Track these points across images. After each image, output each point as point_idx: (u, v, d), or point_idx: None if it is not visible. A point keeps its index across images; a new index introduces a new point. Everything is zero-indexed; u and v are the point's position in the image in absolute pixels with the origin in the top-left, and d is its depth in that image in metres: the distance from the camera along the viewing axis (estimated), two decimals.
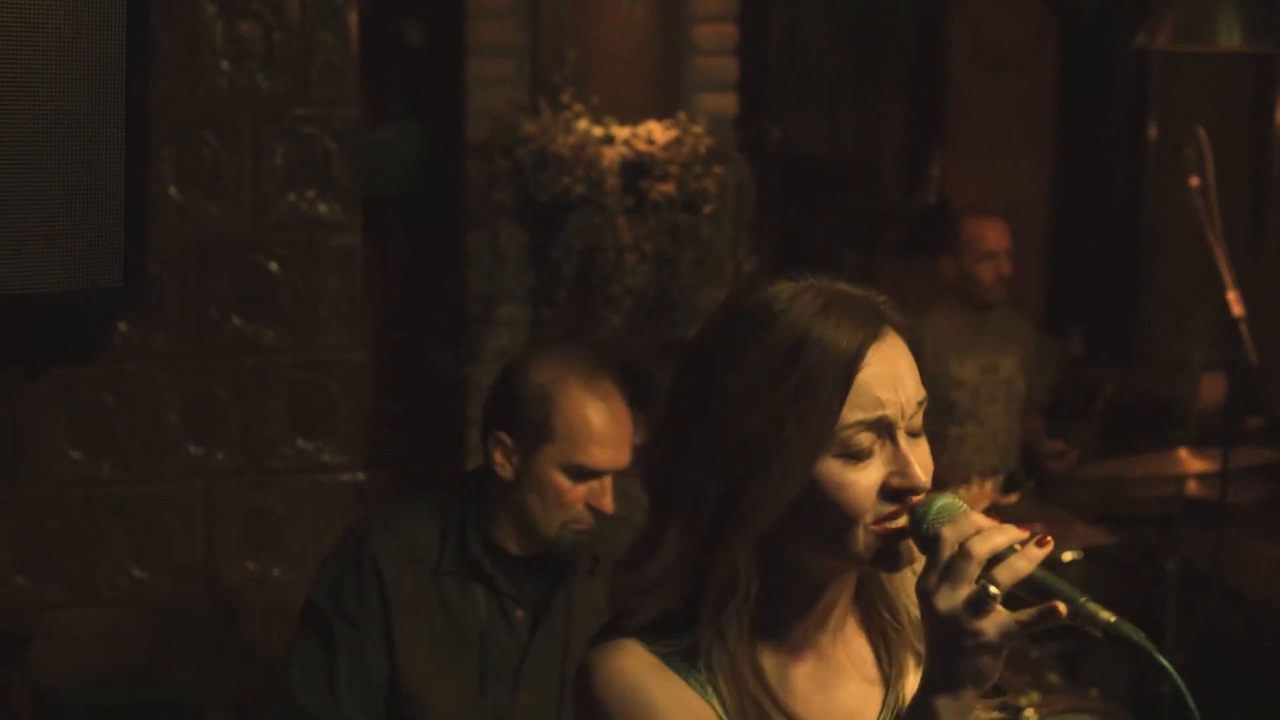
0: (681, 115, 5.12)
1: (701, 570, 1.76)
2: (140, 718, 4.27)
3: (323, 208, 4.57)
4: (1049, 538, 1.66)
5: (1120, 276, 6.35)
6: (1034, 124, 6.65)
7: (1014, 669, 4.18)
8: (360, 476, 4.66)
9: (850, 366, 1.71)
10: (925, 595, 1.66)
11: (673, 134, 5.07)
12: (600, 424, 3.16)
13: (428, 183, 5.25)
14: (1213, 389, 5.47)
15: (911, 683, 1.88)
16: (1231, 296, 4.41)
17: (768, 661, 1.81)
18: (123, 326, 4.37)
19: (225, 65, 4.46)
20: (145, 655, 4.52)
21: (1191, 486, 5.00)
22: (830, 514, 1.73)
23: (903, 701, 1.88)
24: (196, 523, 4.54)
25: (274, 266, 4.54)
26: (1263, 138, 6.04)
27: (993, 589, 1.62)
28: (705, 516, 1.74)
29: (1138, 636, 1.61)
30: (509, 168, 5.00)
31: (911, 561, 1.76)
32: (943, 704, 1.65)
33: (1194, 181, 4.66)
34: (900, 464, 1.74)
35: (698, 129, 5.09)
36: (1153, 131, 6.45)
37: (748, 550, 1.76)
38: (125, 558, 4.49)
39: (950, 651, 1.64)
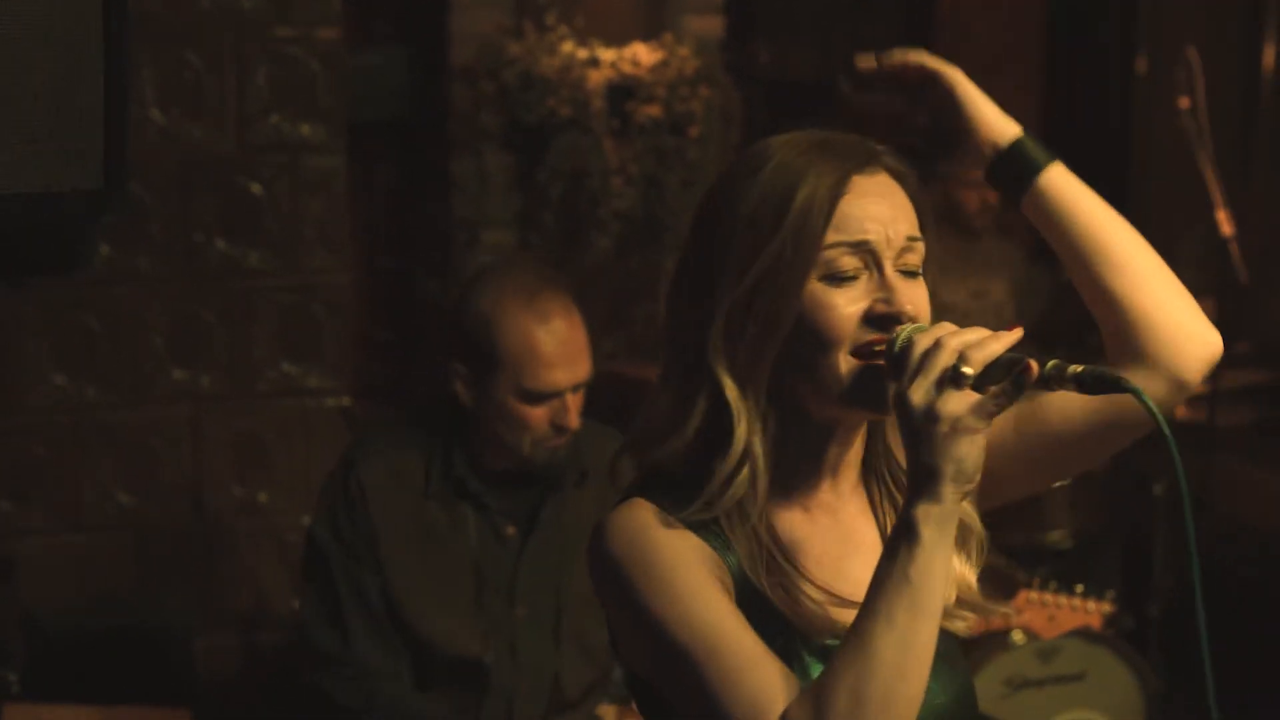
0: (668, 37, 5.09)
1: (711, 416, 1.77)
2: (127, 643, 4.26)
3: (306, 129, 4.53)
4: (1019, 327, 1.67)
5: (1109, 201, 6.31)
6: (1023, 49, 6.62)
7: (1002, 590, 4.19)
8: (346, 401, 4.64)
9: (834, 189, 1.75)
10: (900, 397, 1.65)
11: (659, 56, 5.03)
12: (546, 346, 3.13)
13: (413, 108, 5.21)
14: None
15: None
16: (1221, 215, 4.40)
17: (781, 523, 1.81)
18: (105, 249, 4.34)
19: None
20: (132, 581, 4.51)
21: (1179, 409, 4.99)
22: (815, 339, 1.75)
23: None
24: (183, 447, 4.52)
25: (257, 189, 4.51)
26: (1252, 62, 6.01)
27: (965, 369, 1.62)
28: (713, 356, 1.76)
29: (1115, 376, 1.63)
30: (494, 91, 4.97)
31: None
32: (922, 509, 1.63)
33: (1184, 103, 4.65)
34: (886, 291, 1.75)
35: (684, 51, 5.06)
36: (1142, 56, 6.42)
37: (755, 399, 1.77)
38: (111, 482, 4.47)
39: (926, 445, 1.63)
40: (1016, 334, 1.65)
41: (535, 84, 4.93)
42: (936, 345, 1.64)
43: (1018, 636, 4.22)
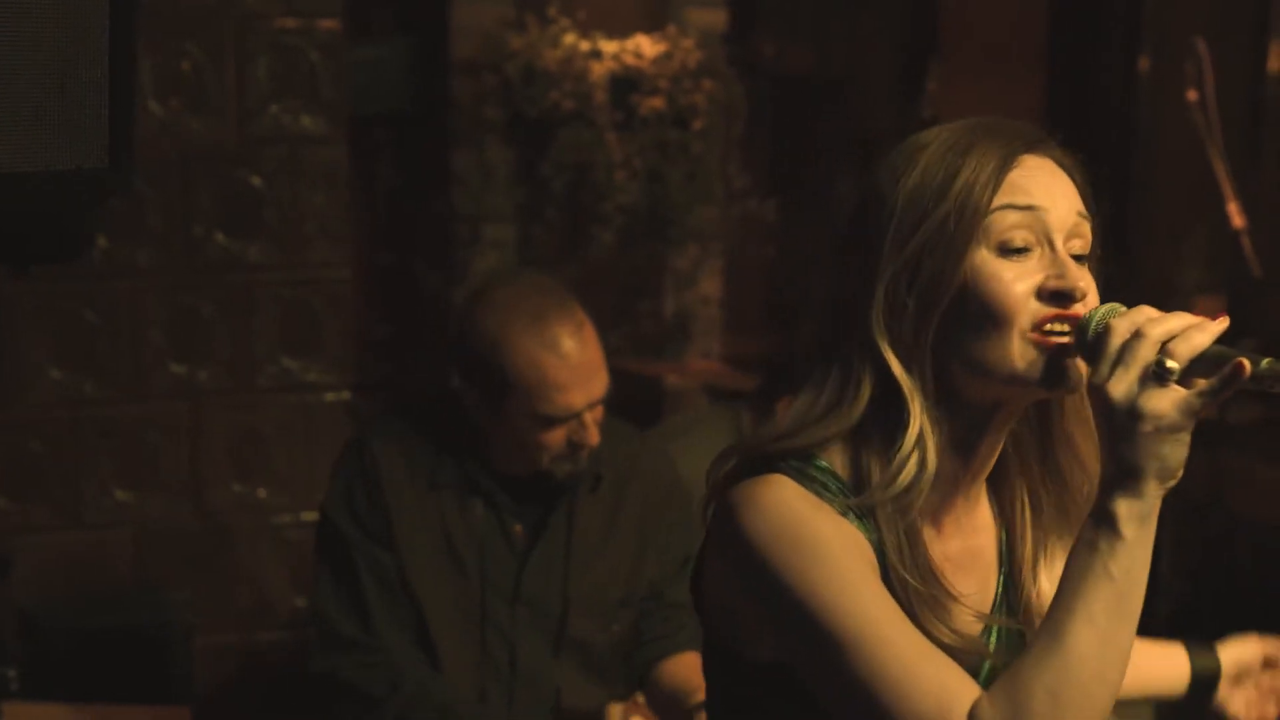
0: (671, 29, 5.06)
1: (877, 396, 1.70)
2: (126, 641, 4.21)
3: (307, 121, 4.49)
4: (1225, 315, 1.60)
5: (1113, 196, 6.28)
6: (1025, 42, 6.58)
7: None
8: (347, 396, 4.59)
9: (1004, 162, 1.69)
10: (1097, 389, 1.58)
11: (662, 48, 5.01)
12: (558, 372, 3.05)
13: (414, 101, 5.18)
14: (1206, 312, 5.42)
15: (1043, 575, 1.83)
16: (1232, 208, 4.36)
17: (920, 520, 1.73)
18: (104, 242, 4.30)
19: None
20: (130, 578, 4.46)
21: None
22: (984, 312, 1.67)
23: (1016, 592, 1.83)
24: (182, 443, 4.47)
25: (258, 181, 4.46)
26: (1259, 54, 5.97)
27: (1169, 363, 1.54)
28: (877, 333, 1.70)
29: None
30: (496, 84, 4.93)
31: (1078, 382, 1.68)
32: (1124, 506, 1.56)
33: (1193, 95, 4.61)
34: (1059, 267, 1.68)
35: (688, 43, 5.03)
36: (1146, 49, 6.38)
37: (921, 378, 1.70)
38: (109, 479, 4.42)
39: (1128, 442, 1.56)
40: (1222, 323, 1.59)
41: (538, 77, 4.90)
42: (1137, 335, 1.57)
43: None
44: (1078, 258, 1.70)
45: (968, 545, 1.79)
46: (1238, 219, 4.35)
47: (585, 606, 3.20)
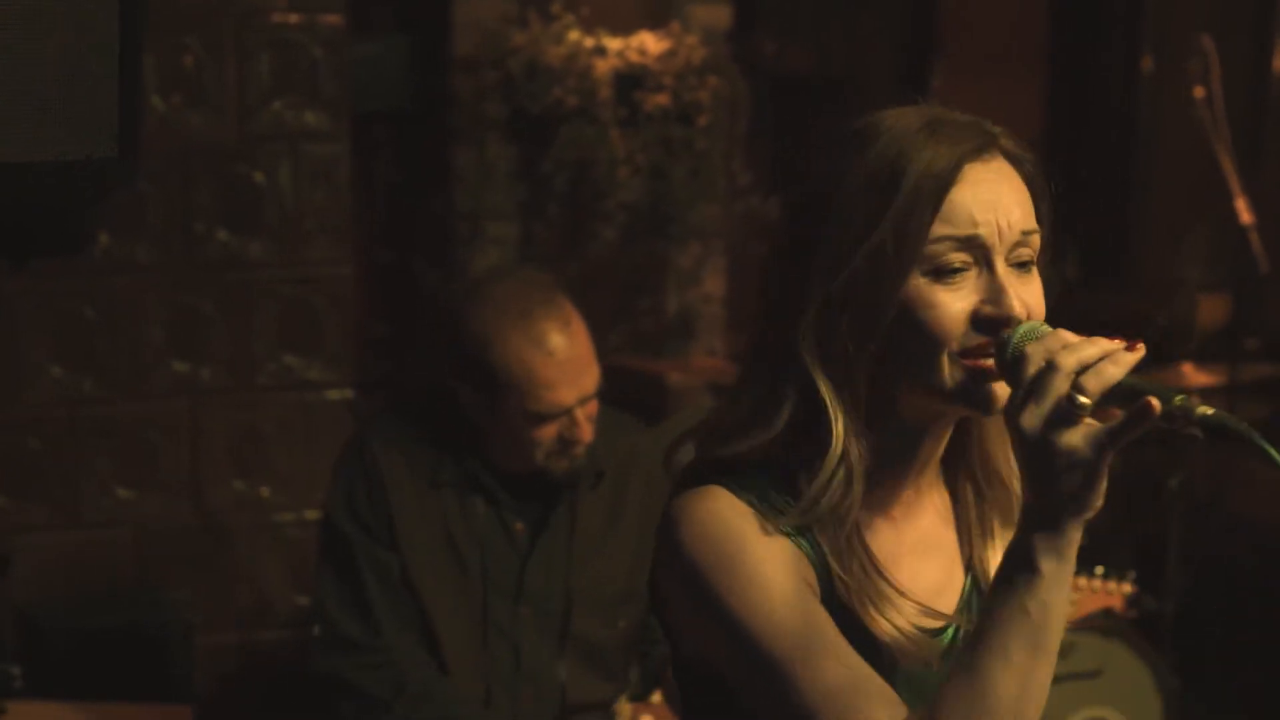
0: (675, 25, 5.04)
1: (800, 411, 1.67)
2: (126, 640, 4.19)
3: (309, 117, 4.47)
4: (1141, 344, 1.55)
5: (1115, 195, 6.28)
6: (1026, 41, 6.58)
7: None
8: (348, 394, 4.57)
9: (943, 180, 1.63)
10: (1012, 419, 1.55)
11: (666, 45, 4.98)
12: (546, 369, 3.06)
13: (414, 98, 5.15)
14: (1210, 310, 5.41)
15: (992, 559, 1.80)
16: (1240, 204, 4.34)
17: (866, 529, 1.71)
18: (104, 239, 4.28)
19: None
20: (130, 577, 4.44)
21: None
22: (918, 338, 1.64)
23: (984, 579, 1.80)
24: (182, 441, 4.44)
25: (259, 178, 4.44)
26: (1264, 51, 5.97)
27: (1081, 399, 1.51)
28: (804, 347, 1.66)
29: (1241, 427, 1.49)
30: (499, 80, 4.91)
31: (1001, 405, 1.64)
32: (1041, 541, 1.54)
33: (1199, 92, 4.59)
34: (994, 292, 1.64)
35: (692, 39, 5.01)
36: (1148, 48, 6.38)
37: (851, 396, 1.66)
38: (109, 477, 4.39)
39: (1042, 477, 1.53)
40: (1138, 354, 1.54)
41: (541, 73, 4.87)
42: (1050, 367, 1.53)
43: None
44: (1023, 265, 1.67)
45: (924, 533, 1.77)
46: (1245, 215, 4.33)
47: (588, 603, 3.19)
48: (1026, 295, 1.65)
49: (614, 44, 4.97)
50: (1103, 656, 4.25)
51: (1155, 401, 1.49)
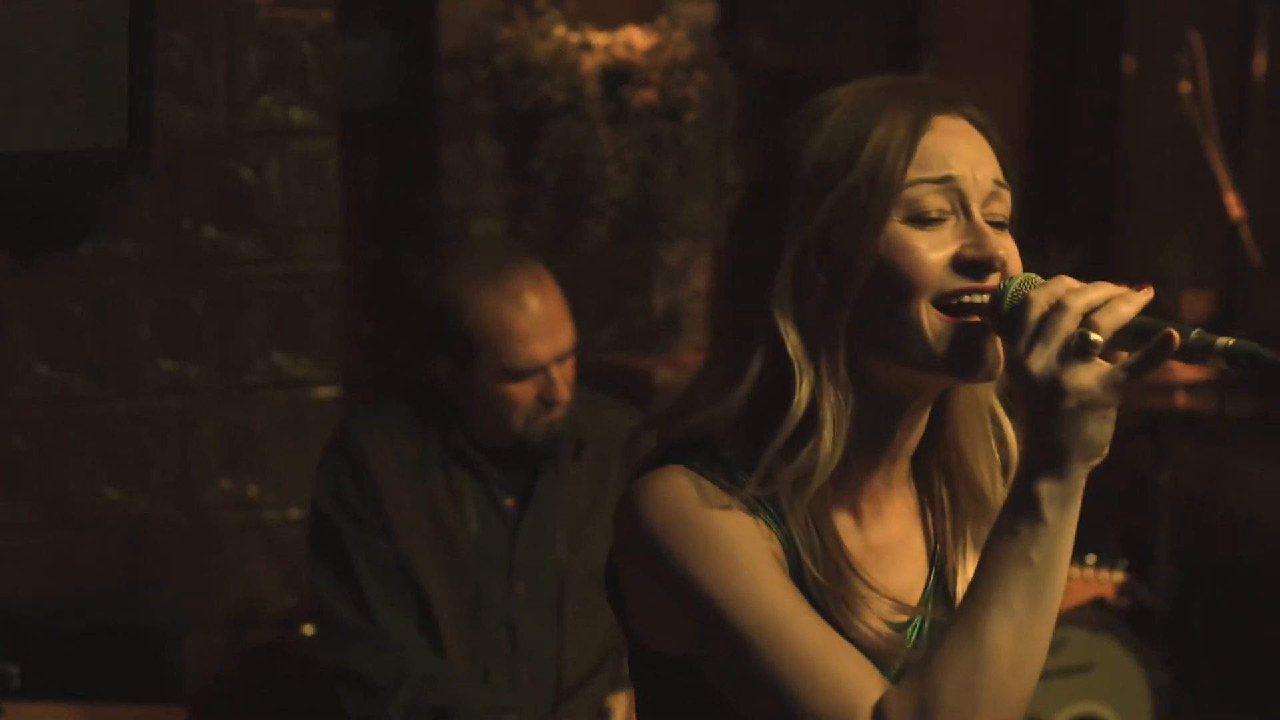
0: (662, 21, 5.03)
1: (769, 377, 1.62)
2: (113, 640, 4.17)
3: (298, 114, 4.45)
4: (1149, 285, 1.52)
5: (1099, 193, 6.29)
6: (1010, 36, 6.58)
7: None
8: (337, 391, 4.56)
9: (915, 126, 1.60)
10: (1016, 364, 1.50)
11: (653, 40, 4.97)
12: (520, 322, 3.09)
13: (402, 95, 5.13)
14: (1194, 306, 5.43)
15: (962, 569, 1.74)
16: (1230, 199, 4.35)
17: (829, 500, 1.64)
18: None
19: None
20: (119, 577, 4.42)
21: (1180, 399, 4.93)
22: (894, 286, 1.58)
23: (949, 581, 1.75)
24: (171, 440, 4.42)
25: (248, 175, 4.42)
26: (1244, 49, 5.98)
27: (1093, 335, 1.46)
28: (777, 305, 1.61)
29: (1266, 354, 1.44)
30: (486, 77, 4.89)
31: (995, 367, 1.59)
32: (1046, 488, 1.48)
33: (1186, 87, 4.60)
34: (975, 235, 1.60)
35: (679, 35, 5.00)
36: (1131, 41, 6.38)
37: (827, 358, 1.61)
38: (97, 476, 4.37)
39: (1050, 420, 1.48)
40: (1147, 294, 1.50)
41: (529, 70, 4.85)
42: (1058, 307, 1.48)
43: None
44: (997, 224, 1.63)
45: (891, 533, 1.71)
46: (1236, 209, 4.34)
47: (581, 576, 3.19)
48: (1008, 246, 1.62)
49: (600, 39, 4.96)
50: (1093, 651, 4.25)
51: (1174, 332, 1.45)
